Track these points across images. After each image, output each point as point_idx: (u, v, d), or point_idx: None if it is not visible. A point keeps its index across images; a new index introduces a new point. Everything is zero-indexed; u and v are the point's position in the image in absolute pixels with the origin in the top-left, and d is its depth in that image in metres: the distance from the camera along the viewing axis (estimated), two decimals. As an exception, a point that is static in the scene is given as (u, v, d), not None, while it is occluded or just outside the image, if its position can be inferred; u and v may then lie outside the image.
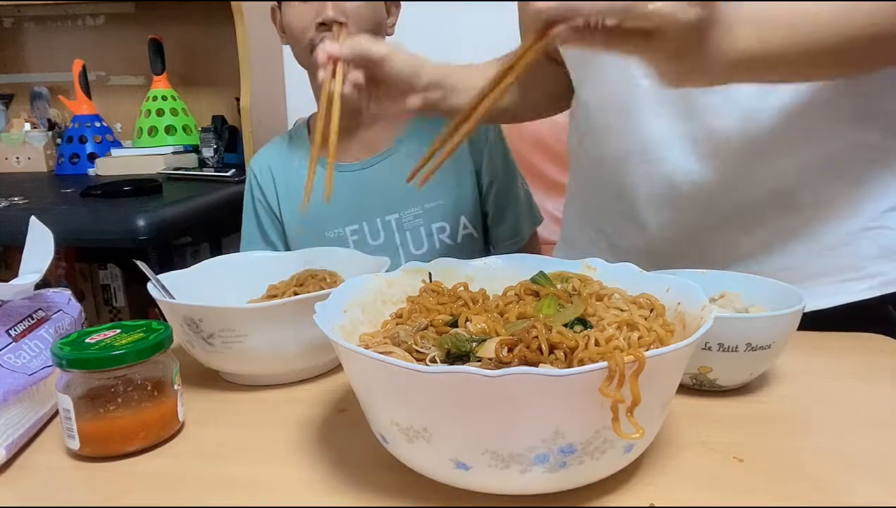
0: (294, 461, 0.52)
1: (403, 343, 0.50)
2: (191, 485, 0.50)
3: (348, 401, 0.62)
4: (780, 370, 0.65)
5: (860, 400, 0.60)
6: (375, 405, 0.46)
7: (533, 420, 0.40)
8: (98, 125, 1.93)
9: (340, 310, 0.55)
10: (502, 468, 0.42)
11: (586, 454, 0.42)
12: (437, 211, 1.11)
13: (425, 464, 0.45)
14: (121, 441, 0.54)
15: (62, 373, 0.53)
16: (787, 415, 0.58)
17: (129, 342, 0.54)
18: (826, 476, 0.48)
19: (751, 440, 0.53)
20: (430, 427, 0.42)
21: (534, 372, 0.38)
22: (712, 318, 0.45)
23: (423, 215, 1.11)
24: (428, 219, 1.11)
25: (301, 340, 0.63)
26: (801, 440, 0.53)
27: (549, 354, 0.45)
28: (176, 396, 0.57)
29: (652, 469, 0.49)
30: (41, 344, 0.59)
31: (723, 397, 0.60)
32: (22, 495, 0.50)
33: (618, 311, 0.52)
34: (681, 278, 0.54)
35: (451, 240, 1.12)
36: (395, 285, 0.61)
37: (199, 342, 0.64)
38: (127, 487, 0.50)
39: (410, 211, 1.12)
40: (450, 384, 0.40)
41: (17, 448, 0.54)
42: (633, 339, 0.48)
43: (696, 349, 0.56)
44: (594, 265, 0.61)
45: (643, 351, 0.40)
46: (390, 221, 1.12)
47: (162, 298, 0.66)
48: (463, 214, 1.12)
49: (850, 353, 0.70)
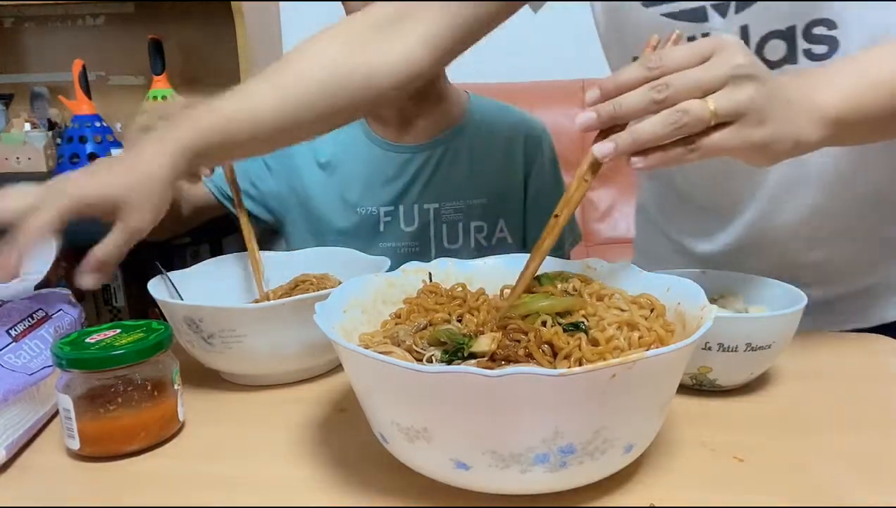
0: (294, 461, 0.52)
1: (403, 343, 0.50)
2: (191, 485, 0.50)
3: (348, 401, 0.62)
4: (780, 370, 0.65)
5: (860, 400, 0.60)
6: (375, 405, 0.46)
7: (533, 420, 0.40)
8: (98, 125, 1.92)
9: (340, 310, 0.55)
10: (502, 468, 0.42)
11: (586, 454, 0.42)
12: (478, 209, 1.08)
13: (425, 464, 0.45)
14: (121, 441, 0.53)
15: (62, 373, 0.53)
16: (787, 415, 0.58)
17: (129, 342, 0.54)
18: (826, 476, 0.48)
19: (751, 440, 0.53)
20: (430, 427, 0.42)
21: (534, 372, 0.38)
22: (712, 318, 0.45)
23: (465, 210, 1.07)
24: (468, 215, 1.07)
25: (301, 340, 0.63)
26: (801, 440, 0.53)
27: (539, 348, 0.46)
28: (176, 396, 0.57)
29: (652, 469, 0.49)
30: (41, 344, 0.59)
31: (723, 397, 0.60)
32: (22, 495, 0.50)
33: (618, 311, 0.52)
34: (681, 278, 0.54)
35: (487, 241, 1.09)
36: (395, 285, 0.61)
37: (199, 342, 0.64)
38: (127, 487, 0.50)
39: (452, 204, 1.07)
40: (450, 384, 0.40)
41: (17, 447, 0.54)
42: (633, 339, 0.48)
43: (696, 349, 0.56)
44: (594, 265, 0.61)
45: (643, 351, 0.40)
46: (429, 209, 1.07)
47: (163, 298, 0.66)
48: (502, 216, 1.09)
49: (850, 353, 0.70)
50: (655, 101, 0.46)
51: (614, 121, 0.47)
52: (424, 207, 1.07)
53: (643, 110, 0.46)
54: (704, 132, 0.46)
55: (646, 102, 0.46)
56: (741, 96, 0.46)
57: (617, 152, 0.47)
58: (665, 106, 0.46)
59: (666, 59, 0.47)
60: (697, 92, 0.46)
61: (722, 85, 0.46)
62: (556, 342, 0.47)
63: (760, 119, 0.48)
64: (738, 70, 0.46)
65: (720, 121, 0.46)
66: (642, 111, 0.46)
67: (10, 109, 2.13)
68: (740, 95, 0.46)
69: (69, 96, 1.95)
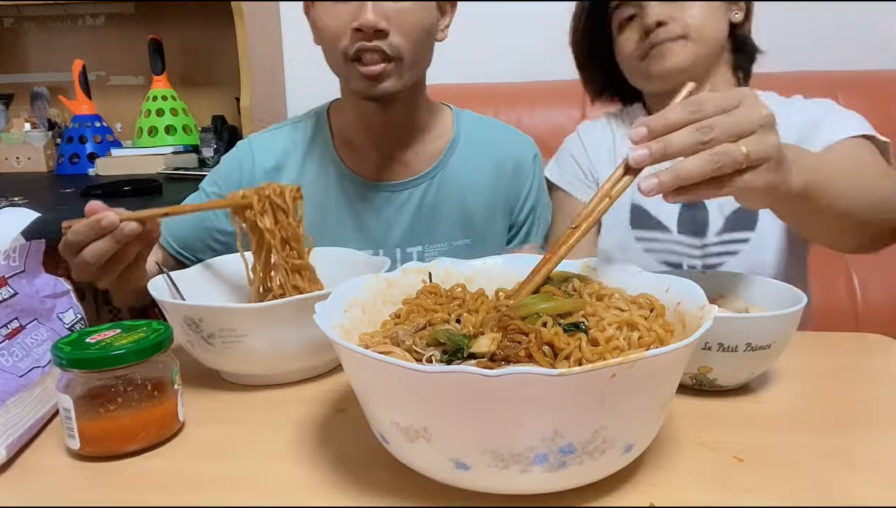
0: (294, 461, 0.52)
1: (403, 343, 0.50)
2: (191, 485, 0.50)
3: (348, 401, 0.62)
4: (780, 370, 0.65)
5: (860, 400, 0.60)
6: (375, 405, 0.46)
7: (532, 420, 0.40)
8: (98, 125, 1.92)
9: (340, 310, 0.55)
10: (502, 468, 0.42)
11: (586, 454, 0.42)
12: (463, 250, 0.99)
13: (425, 464, 0.45)
14: (121, 441, 0.54)
15: (62, 373, 0.53)
16: (787, 415, 0.58)
17: (129, 342, 0.54)
18: (826, 476, 0.48)
19: (751, 440, 0.53)
20: (430, 427, 0.42)
21: (533, 372, 0.38)
22: (712, 318, 0.45)
23: (450, 252, 0.98)
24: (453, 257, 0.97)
25: (301, 340, 0.63)
26: (801, 440, 0.53)
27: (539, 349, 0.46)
28: (176, 396, 0.57)
29: (652, 469, 0.49)
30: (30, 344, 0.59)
31: (723, 397, 0.60)
32: (22, 495, 0.50)
33: (618, 311, 0.52)
34: (681, 278, 0.54)
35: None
36: (395, 286, 0.61)
37: (199, 342, 0.64)
38: (127, 487, 0.50)
39: (436, 246, 0.99)
40: (449, 384, 0.40)
41: (17, 448, 0.54)
42: (633, 339, 0.48)
43: (696, 349, 0.56)
44: (594, 265, 0.61)
45: (643, 351, 0.40)
46: (412, 253, 0.98)
47: (163, 298, 0.66)
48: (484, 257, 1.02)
49: (850, 353, 0.70)
50: (702, 141, 0.51)
51: (664, 158, 0.52)
52: (407, 250, 0.99)
53: (690, 150, 0.51)
54: (734, 173, 0.52)
55: (692, 142, 0.51)
56: (769, 143, 0.52)
57: (661, 188, 0.52)
58: (708, 147, 0.51)
59: (705, 104, 0.52)
60: (734, 136, 0.51)
61: (752, 132, 0.52)
62: (557, 343, 0.47)
63: (778, 164, 0.54)
64: (765, 120, 0.52)
65: (750, 165, 0.52)
66: (689, 150, 0.51)
67: (10, 109, 2.13)
68: (768, 142, 0.52)
69: (69, 96, 1.95)
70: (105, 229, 0.67)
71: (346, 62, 0.87)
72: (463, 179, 1.00)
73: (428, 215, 0.99)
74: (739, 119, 0.51)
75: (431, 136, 1.01)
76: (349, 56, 0.86)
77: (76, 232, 0.67)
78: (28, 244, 0.61)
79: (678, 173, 0.51)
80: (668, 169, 0.52)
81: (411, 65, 0.88)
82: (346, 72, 0.88)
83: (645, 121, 0.52)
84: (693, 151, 0.51)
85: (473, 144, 1.02)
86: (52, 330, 0.63)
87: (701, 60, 0.91)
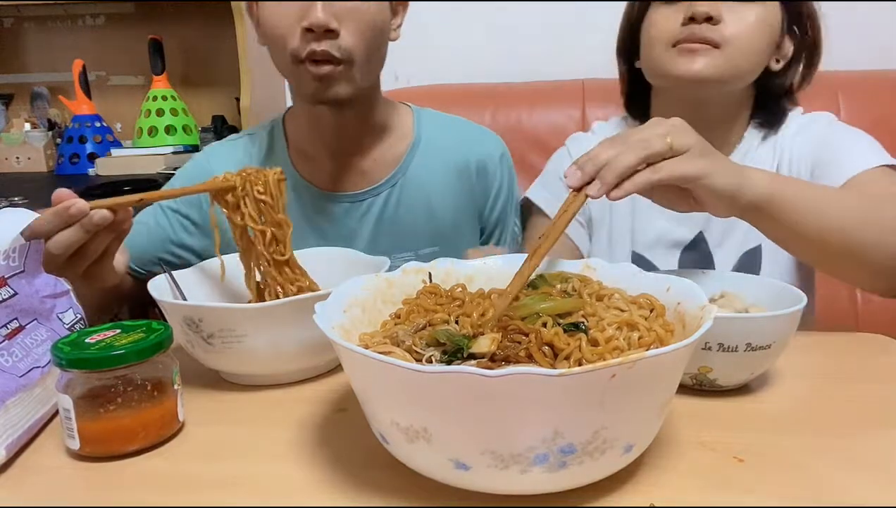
0: (294, 461, 0.52)
1: (403, 343, 0.50)
2: (191, 485, 0.50)
3: (348, 401, 0.62)
4: (780, 370, 0.65)
5: (860, 400, 0.60)
6: (375, 405, 0.46)
7: (532, 420, 0.40)
8: (98, 125, 1.92)
9: (340, 310, 0.54)
10: (502, 468, 0.42)
11: (586, 454, 0.42)
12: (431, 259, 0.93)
13: (425, 464, 0.45)
14: (121, 441, 0.54)
15: (62, 373, 0.53)
16: (787, 415, 0.58)
17: (129, 342, 0.54)
18: (826, 476, 0.48)
19: (751, 440, 0.53)
20: (430, 427, 0.42)
21: (533, 372, 0.38)
22: (712, 318, 0.45)
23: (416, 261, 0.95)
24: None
25: (301, 340, 0.63)
26: (801, 440, 0.53)
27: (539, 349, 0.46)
28: (176, 396, 0.57)
29: (652, 469, 0.49)
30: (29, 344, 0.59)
31: (723, 397, 0.60)
32: (22, 495, 0.50)
33: (618, 311, 0.52)
34: (681, 278, 0.54)
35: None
36: (395, 285, 0.61)
37: (199, 342, 0.64)
38: (127, 487, 0.50)
39: (402, 256, 0.94)
40: (449, 384, 0.40)
41: (17, 448, 0.54)
42: (633, 339, 0.48)
43: (696, 349, 0.56)
44: (594, 265, 0.61)
45: (643, 351, 0.40)
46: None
47: (163, 298, 0.66)
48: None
49: (850, 353, 0.70)
50: (621, 149, 0.58)
51: (595, 169, 0.59)
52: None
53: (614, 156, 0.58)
54: (663, 160, 0.59)
55: (615, 152, 0.58)
56: (688, 136, 0.60)
57: (606, 187, 0.58)
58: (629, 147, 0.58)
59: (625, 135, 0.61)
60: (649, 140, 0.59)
61: (667, 134, 0.59)
62: (557, 344, 0.47)
63: (703, 153, 0.61)
64: (677, 123, 0.61)
65: (675, 153, 0.59)
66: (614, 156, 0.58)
67: (10, 109, 2.13)
68: (687, 135, 0.60)
69: (69, 96, 1.95)
70: (74, 218, 0.63)
71: (296, 64, 0.83)
72: (426, 184, 0.96)
73: (391, 224, 0.95)
74: (648, 129, 0.60)
75: (390, 140, 0.97)
76: (299, 57, 0.82)
77: (42, 221, 0.63)
78: (28, 244, 0.61)
79: (614, 166, 0.57)
80: (605, 166, 0.58)
81: (364, 66, 0.84)
82: (296, 74, 0.85)
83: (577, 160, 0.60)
84: (616, 154, 0.58)
85: (435, 146, 0.98)
86: (51, 330, 0.63)
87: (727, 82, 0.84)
